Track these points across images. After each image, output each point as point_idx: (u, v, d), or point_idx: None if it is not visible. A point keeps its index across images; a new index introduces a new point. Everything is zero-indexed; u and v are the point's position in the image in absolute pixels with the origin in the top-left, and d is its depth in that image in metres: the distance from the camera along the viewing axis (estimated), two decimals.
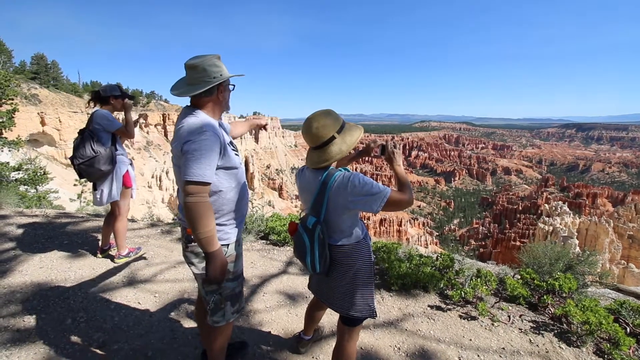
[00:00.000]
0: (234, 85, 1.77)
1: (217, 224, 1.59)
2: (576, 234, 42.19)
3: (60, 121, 34.16)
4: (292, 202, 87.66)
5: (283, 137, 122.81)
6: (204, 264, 1.62)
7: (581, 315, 2.55)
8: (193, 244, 1.64)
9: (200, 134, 1.48)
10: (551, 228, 42.69)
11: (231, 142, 1.72)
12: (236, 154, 1.69)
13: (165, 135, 63.35)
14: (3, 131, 8.24)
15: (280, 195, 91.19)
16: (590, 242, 44.21)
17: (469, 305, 2.98)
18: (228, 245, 1.67)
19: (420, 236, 79.23)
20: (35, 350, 2.15)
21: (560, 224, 44.20)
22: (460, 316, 2.82)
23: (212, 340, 1.81)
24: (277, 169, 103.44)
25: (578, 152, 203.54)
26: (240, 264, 1.77)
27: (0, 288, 2.82)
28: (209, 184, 1.48)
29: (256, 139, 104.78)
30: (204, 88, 1.57)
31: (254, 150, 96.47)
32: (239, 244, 1.76)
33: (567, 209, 50.32)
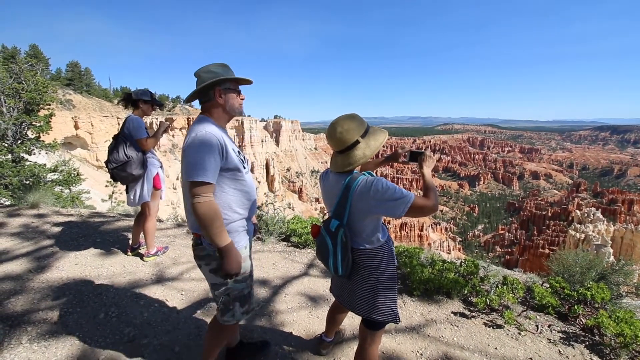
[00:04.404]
0: (237, 90, 1.72)
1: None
2: (610, 242, 39.92)
3: (92, 125, 35.88)
4: (311, 205, 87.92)
5: (303, 140, 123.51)
6: (210, 267, 1.68)
7: (615, 327, 2.43)
8: (198, 247, 1.68)
9: (197, 137, 1.51)
10: (583, 235, 40.64)
11: (237, 150, 1.73)
12: (240, 158, 1.70)
13: None
14: (41, 134, 8.75)
15: (300, 197, 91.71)
16: (625, 251, 41.73)
17: (494, 313, 2.89)
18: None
19: (443, 242, 77.42)
20: (70, 342, 2.28)
21: (592, 232, 41.98)
22: (485, 324, 2.74)
23: (212, 335, 1.86)
24: (297, 172, 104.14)
25: (613, 156, 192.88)
26: (247, 266, 1.77)
27: (39, 283, 3.01)
28: (211, 184, 1.51)
29: (277, 142, 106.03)
30: (194, 92, 1.65)
31: (275, 153, 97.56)
32: (245, 246, 1.76)
33: (601, 216, 47.75)
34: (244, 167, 1.72)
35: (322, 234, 1.68)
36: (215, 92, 1.65)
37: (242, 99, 1.77)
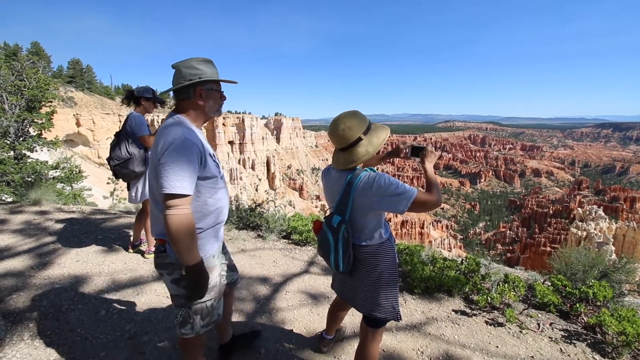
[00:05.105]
0: (220, 92, 1.62)
1: None
2: (612, 240, 39.86)
3: (93, 122, 35.93)
4: (312, 202, 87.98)
5: (304, 137, 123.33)
6: (172, 277, 1.58)
7: (617, 325, 2.42)
8: (161, 254, 1.57)
9: (177, 144, 1.38)
10: (585, 233, 40.56)
11: (212, 154, 1.61)
12: (216, 164, 1.61)
13: None
14: (43, 132, 8.77)
15: (300, 195, 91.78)
16: (628, 248, 41.70)
17: (495, 311, 2.89)
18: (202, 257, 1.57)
19: (444, 239, 77.47)
20: (72, 339, 2.28)
21: (594, 229, 41.90)
22: (487, 322, 2.74)
23: (182, 350, 1.78)
24: (298, 169, 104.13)
25: (615, 154, 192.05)
26: (214, 277, 1.65)
27: (41, 279, 3.02)
28: (189, 195, 1.39)
29: (278, 140, 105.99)
30: (171, 89, 1.53)
31: (275, 150, 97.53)
32: (214, 255, 1.66)
33: (603, 214, 47.62)
34: (220, 173, 1.63)
35: (324, 229, 1.67)
36: (197, 92, 1.53)
37: (224, 100, 1.66)
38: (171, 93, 1.59)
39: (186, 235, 1.37)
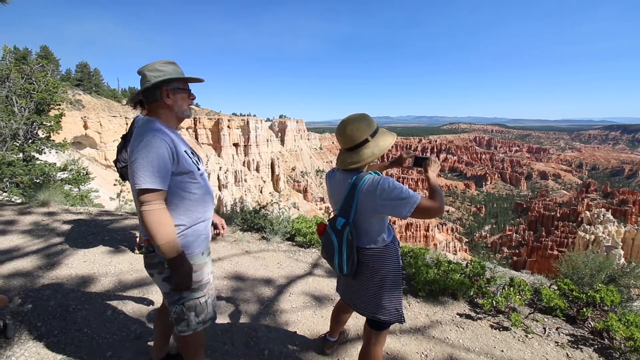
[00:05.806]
0: (187, 90, 1.63)
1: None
2: (621, 244, 39.24)
3: (101, 125, 36.39)
4: (316, 205, 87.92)
5: (308, 139, 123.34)
6: (162, 275, 1.59)
7: (625, 330, 2.39)
8: (150, 254, 1.59)
9: (145, 141, 1.41)
10: (593, 237, 40.01)
11: (191, 151, 1.62)
12: (193, 160, 1.60)
13: (196, 138, 66.03)
14: (51, 134, 8.90)
15: (305, 197, 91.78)
16: (637, 253, 41.03)
17: (500, 315, 2.87)
18: (189, 255, 1.58)
19: (449, 242, 76.88)
20: (79, 339, 2.31)
21: (602, 233, 41.32)
22: (492, 326, 2.72)
23: (182, 348, 1.77)
24: (302, 172, 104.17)
25: (623, 156, 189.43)
26: (205, 273, 1.66)
27: (48, 279, 3.06)
28: (160, 190, 1.42)
29: (282, 142, 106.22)
30: (138, 92, 1.57)
31: (280, 152, 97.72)
32: (202, 252, 1.65)
33: (611, 217, 46.98)
34: (199, 169, 1.63)
35: (328, 232, 1.68)
36: (163, 92, 1.54)
37: (193, 99, 1.67)
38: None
39: (161, 228, 1.40)
